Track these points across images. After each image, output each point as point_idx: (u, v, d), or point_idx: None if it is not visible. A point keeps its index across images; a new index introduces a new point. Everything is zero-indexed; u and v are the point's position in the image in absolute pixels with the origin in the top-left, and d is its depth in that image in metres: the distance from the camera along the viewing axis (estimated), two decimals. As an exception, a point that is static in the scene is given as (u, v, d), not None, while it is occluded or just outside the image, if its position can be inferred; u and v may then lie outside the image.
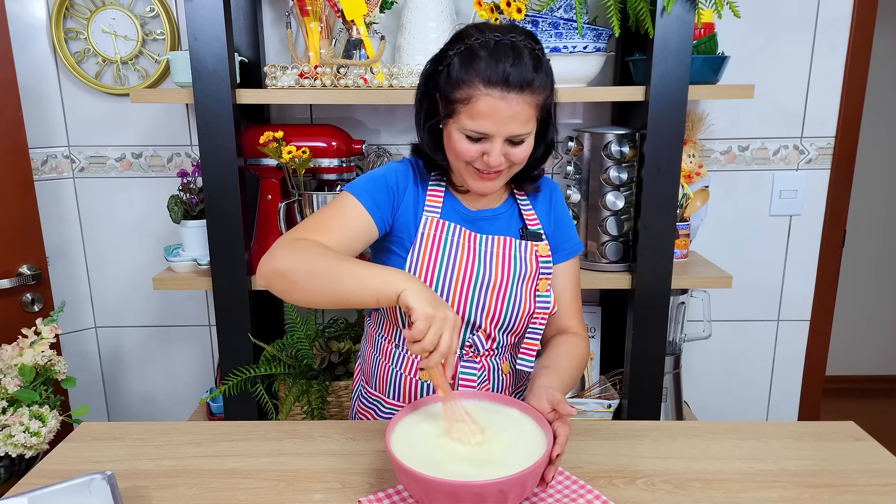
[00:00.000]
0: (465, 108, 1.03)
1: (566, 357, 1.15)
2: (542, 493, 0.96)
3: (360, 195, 1.12)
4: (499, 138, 1.04)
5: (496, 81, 1.00)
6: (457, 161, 1.10)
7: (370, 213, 1.12)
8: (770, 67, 1.87)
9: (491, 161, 1.05)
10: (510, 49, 1.02)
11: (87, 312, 2.06)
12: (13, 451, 1.37)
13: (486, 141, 1.05)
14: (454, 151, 1.08)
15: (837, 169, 1.93)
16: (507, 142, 1.05)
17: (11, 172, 1.66)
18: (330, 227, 1.08)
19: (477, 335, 1.17)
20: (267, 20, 1.84)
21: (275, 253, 1.02)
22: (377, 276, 0.95)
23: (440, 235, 1.15)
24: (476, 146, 1.05)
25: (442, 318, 0.89)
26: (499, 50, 1.01)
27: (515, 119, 1.02)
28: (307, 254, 1.00)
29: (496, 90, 1.00)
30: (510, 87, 1.00)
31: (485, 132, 1.03)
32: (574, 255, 1.27)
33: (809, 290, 2.03)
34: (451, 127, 1.07)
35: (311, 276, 0.98)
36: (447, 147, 1.11)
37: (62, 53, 1.84)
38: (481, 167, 1.08)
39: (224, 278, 1.62)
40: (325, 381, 1.72)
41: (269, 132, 1.56)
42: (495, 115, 1.01)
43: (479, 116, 1.02)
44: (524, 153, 1.08)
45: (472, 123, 1.03)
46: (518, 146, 1.06)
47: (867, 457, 1.08)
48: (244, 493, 0.98)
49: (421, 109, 1.15)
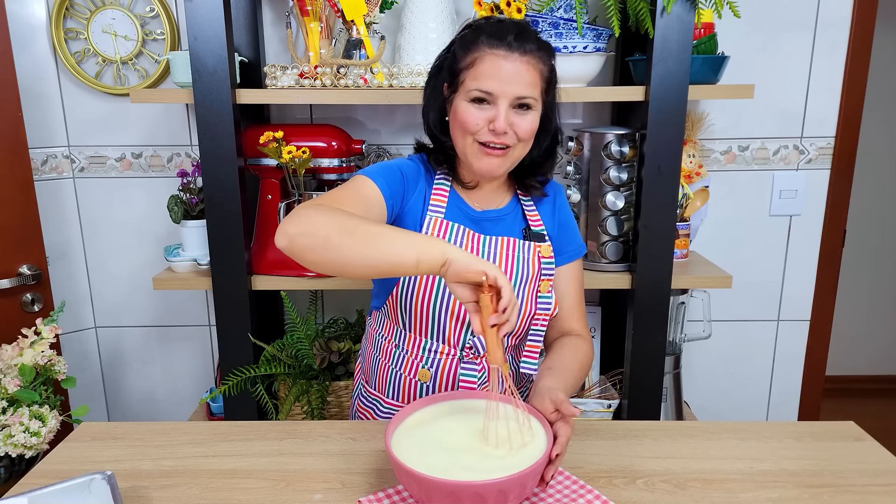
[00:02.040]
0: (470, 73, 1.07)
1: (570, 359, 1.15)
2: (542, 493, 0.96)
3: (376, 179, 1.12)
4: (504, 100, 1.06)
5: (500, 44, 1.05)
6: (463, 139, 1.10)
7: (384, 195, 1.11)
8: (770, 67, 1.87)
9: (497, 125, 1.06)
10: (513, 24, 1.09)
11: (87, 312, 2.06)
12: (13, 451, 1.37)
13: (492, 106, 1.07)
14: (461, 123, 1.09)
15: (837, 169, 1.93)
16: (513, 110, 1.07)
17: (11, 172, 1.66)
18: (348, 202, 1.04)
19: (477, 337, 1.17)
20: (267, 20, 1.84)
21: (301, 212, 0.95)
22: (421, 238, 0.91)
23: (444, 235, 1.15)
24: (482, 113, 1.07)
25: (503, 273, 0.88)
26: (503, 22, 1.09)
27: (519, 79, 1.05)
28: (339, 213, 0.95)
29: (500, 50, 1.05)
30: (513, 48, 1.05)
31: (489, 90, 1.05)
32: (577, 257, 1.27)
33: (809, 290, 2.03)
34: (457, 100, 1.10)
35: (346, 233, 0.91)
36: (453, 127, 1.12)
37: (62, 53, 1.84)
38: (488, 138, 1.08)
39: (224, 278, 1.62)
40: (325, 381, 1.72)
41: (269, 132, 1.57)
42: (499, 73, 1.05)
43: (482, 76, 1.05)
44: (530, 126, 1.09)
45: (477, 83, 1.06)
46: (523, 116, 1.08)
47: (867, 457, 1.08)
48: (244, 493, 0.98)
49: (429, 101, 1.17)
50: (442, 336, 1.17)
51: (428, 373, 1.19)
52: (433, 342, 1.18)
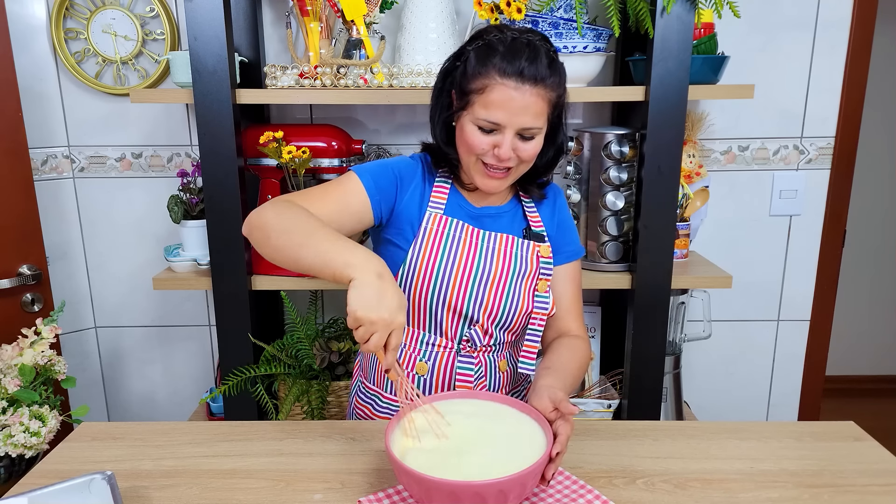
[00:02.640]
0: (479, 98, 1.06)
1: (568, 358, 1.15)
2: (543, 493, 0.96)
3: (363, 176, 1.15)
4: (510, 130, 1.06)
5: (511, 73, 1.03)
6: (467, 156, 1.12)
7: (369, 195, 1.14)
8: (770, 67, 1.87)
9: (501, 153, 1.07)
10: (527, 46, 1.06)
11: (87, 312, 2.06)
12: (13, 451, 1.37)
13: (498, 133, 1.07)
14: (466, 145, 1.10)
15: (837, 169, 1.93)
16: (518, 136, 1.07)
17: (11, 172, 1.66)
18: (324, 199, 1.11)
19: (474, 329, 1.18)
20: (267, 20, 1.84)
21: (263, 207, 1.05)
22: (341, 255, 0.94)
23: (443, 230, 1.17)
24: (487, 139, 1.08)
25: (371, 322, 0.89)
26: (516, 46, 1.05)
27: (528, 111, 1.05)
28: (289, 214, 1.02)
29: (511, 81, 1.03)
30: (524, 79, 1.03)
31: (497, 122, 1.05)
32: (575, 258, 1.28)
33: (809, 289, 2.03)
34: (464, 119, 1.10)
35: (284, 234, 0.99)
36: (459, 141, 1.13)
37: (62, 53, 1.84)
38: (491, 161, 1.09)
39: (224, 278, 1.62)
40: (325, 381, 1.72)
41: (269, 132, 1.56)
42: (508, 105, 1.04)
43: (492, 105, 1.05)
44: (533, 151, 1.10)
45: (486, 113, 1.05)
46: (528, 142, 1.09)
47: (867, 457, 1.08)
48: (244, 493, 0.98)
49: (437, 105, 1.17)
50: (439, 329, 1.18)
51: (425, 366, 1.20)
52: (430, 335, 1.20)
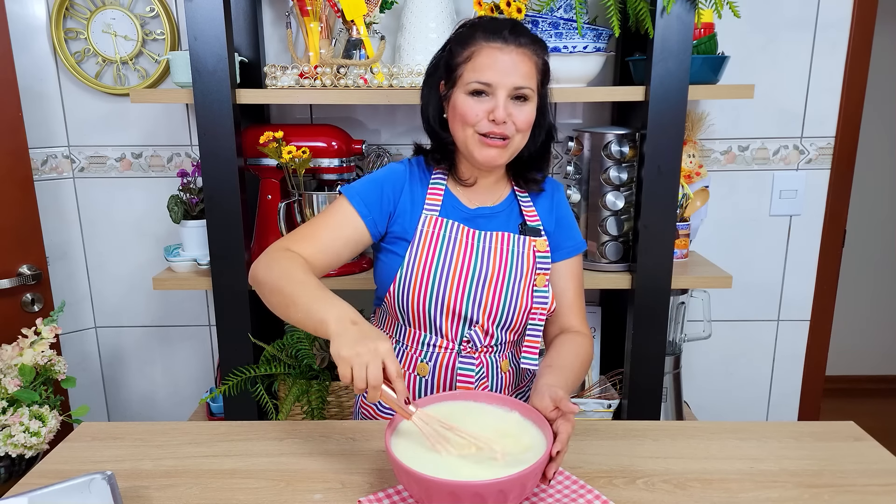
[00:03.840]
0: (467, 66, 1.10)
1: (570, 356, 1.15)
2: (543, 493, 0.96)
3: (353, 199, 1.17)
4: (502, 91, 1.09)
5: (496, 36, 1.09)
6: (463, 130, 1.13)
7: (361, 215, 1.16)
8: (770, 67, 1.87)
9: (497, 115, 1.08)
10: (508, 20, 1.13)
11: (87, 312, 2.06)
12: (13, 451, 1.37)
13: (490, 98, 1.09)
14: (460, 118, 1.12)
15: (837, 169, 1.93)
16: (511, 101, 1.10)
17: (11, 172, 1.66)
18: (317, 235, 1.15)
19: (474, 330, 1.18)
20: (267, 20, 1.84)
21: (260, 261, 1.12)
22: (317, 312, 0.98)
23: (438, 232, 1.17)
24: (481, 105, 1.10)
25: (356, 354, 0.90)
26: (497, 20, 1.13)
27: (516, 69, 1.09)
28: (280, 271, 1.07)
29: (496, 42, 1.09)
30: (508, 40, 1.09)
31: (488, 81, 1.08)
32: (576, 253, 1.27)
33: (809, 290, 2.03)
34: (455, 94, 1.12)
35: (274, 294, 1.06)
36: (452, 121, 1.15)
37: (62, 53, 1.84)
38: (487, 129, 1.10)
39: (224, 278, 1.62)
40: (325, 381, 1.72)
41: (269, 132, 1.57)
42: (496, 64, 1.08)
43: (481, 68, 1.09)
44: (527, 116, 1.12)
45: (475, 75, 1.09)
46: (521, 106, 1.11)
47: (867, 457, 1.08)
48: (244, 493, 0.98)
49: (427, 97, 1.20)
50: (439, 330, 1.18)
51: (426, 366, 1.20)
52: (431, 336, 1.20)
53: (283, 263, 1.08)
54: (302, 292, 1.01)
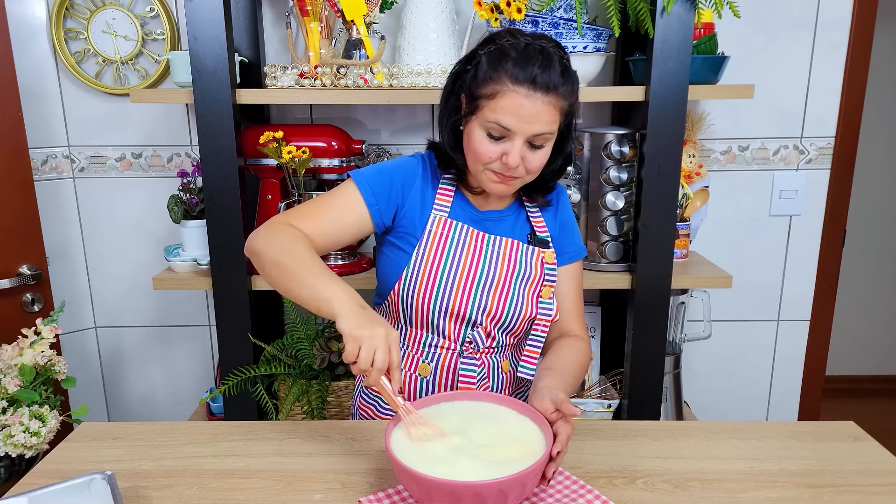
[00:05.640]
0: (489, 104, 1.05)
1: (569, 359, 1.15)
2: (543, 493, 0.96)
3: (361, 185, 1.15)
4: (519, 137, 1.05)
5: (524, 80, 1.02)
6: (475, 163, 1.11)
7: (367, 203, 1.14)
8: (770, 67, 1.87)
9: (510, 161, 1.06)
10: (540, 53, 1.04)
11: (87, 312, 2.06)
12: (13, 451, 1.37)
13: (507, 140, 1.06)
14: (474, 152, 1.09)
15: (837, 169, 1.93)
16: (527, 145, 1.06)
17: (11, 172, 1.66)
18: (320, 215, 1.13)
19: (477, 331, 1.18)
20: (267, 20, 1.84)
21: (260, 232, 1.08)
22: (323, 291, 0.97)
23: (447, 233, 1.17)
24: (496, 147, 1.07)
25: (370, 336, 0.90)
26: (529, 52, 1.04)
27: (538, 119, 1.04)
28: (283, 245, 1.04)
29: (523, 88, 1.02)
30: (536, 86, 1.02)
31: (508, 127, 1.04)
32: (577, 258, 1.28)
33: (809, 290, 2.03)
34: (473, 124, 1.09)
35: (276, 267, 1.03)
36: (467, 148, 1.12)
37: (62, 53, 1.84)
38: (499, 169, 1.09)
39: (224, 278, 1.62)
40: (325, 381, 1.72)
41: (269, 132, 1.57)
42: (519, 111, 1.03)
43: (503, 111, 1.04)
44: (541, 161, 1.09)
45: (496, 116, 1.04)
46: (536, 151, 1.08)
47: (867, 457, 1.08)
48: (244, 493, 0.98)
49: (445, 108, 1.16)
50: (441, 331, 1.18)
51: (428, 367, 1.20)
52: (433, 336, 1.19)
53: (286, 238, 1.06)
54: (307, 269, 1.00)
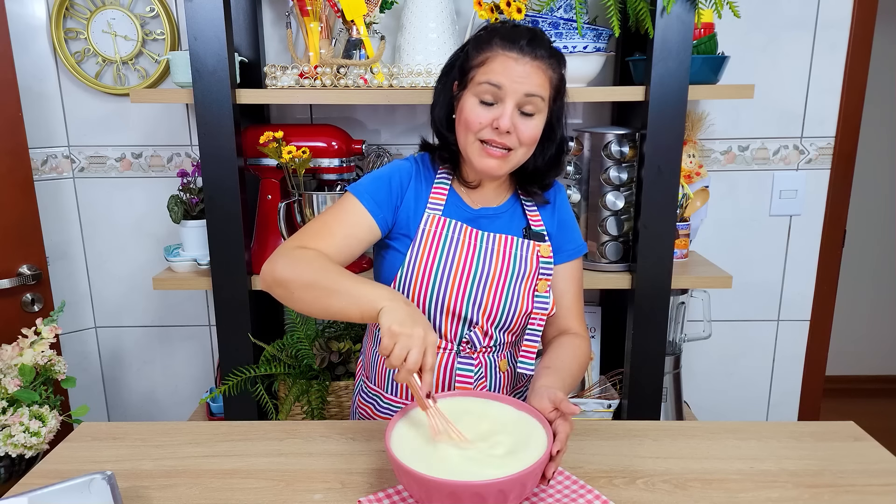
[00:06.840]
0: (480, 70, 1.09)
1: (568, 358, 1.15)
2: (543, 493, 0.96)
3: (362, 196, 1.15)
4: (511, 99, 1.08)
5: (512, 46, 1.08)
6: (465, 136, 1.12)
7: (372, 214, 1.15)
8: (770, 67, 1.87)
9: (501, 122, 1.07)
10: (528, 30, 1.11)
11: (87, 312, 2.06)
12: (13, 451, 1.37)
13: (498, 106, 1.08)
14: (465, 122, 1.11)
15: (837, 169, 1.93)
16: (518, 112, 1.09)
17: (11, 172, 1.66)
18: (332, 232, 1.13)
19: (474, 331, 1.18)
20: (267, 20, 1.84)
21: (277, 261, 1.06)
22: (365, 294, 0.97)
23: (441, 232, 1.17)
24: (487, 113, 1.09)
25: (408, 335, 0.90)
26: (518, 28, 1.11)
27: (529, 80, 1.07)
28: (306, 266, 1.04)
29: (512, 52, 1.08)
30: (524, 51, 1.08)
31: (498, 84, 1.07)
32: (577, 256, 1.27)
33: (809, 290, 2.03)
34: (465, 96, 1.12)
35: (307, 288, 1.02)
36: (458, 124, 1.14)
37: (62, 53, 1.84)
38: (489, 136, 1.09)
39: (224, 278, 1.62)
40: (325, 381, 1.72)
41: (269, 132, 1.56)
42: (509, 72, 1.07)
43: (493, 72, 1.08)
44: (533, 132, 1.11)
45: (486, 77, 1.08)
46: (527, 121, 1.10)
47: (867, 457, 1.08)
48: (244, 493, 0.98)
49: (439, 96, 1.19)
50: (438, 331, 1.18)
51: None
52: None
53: (309, 259, 1.05)
54: (344, 281, 1.00)
